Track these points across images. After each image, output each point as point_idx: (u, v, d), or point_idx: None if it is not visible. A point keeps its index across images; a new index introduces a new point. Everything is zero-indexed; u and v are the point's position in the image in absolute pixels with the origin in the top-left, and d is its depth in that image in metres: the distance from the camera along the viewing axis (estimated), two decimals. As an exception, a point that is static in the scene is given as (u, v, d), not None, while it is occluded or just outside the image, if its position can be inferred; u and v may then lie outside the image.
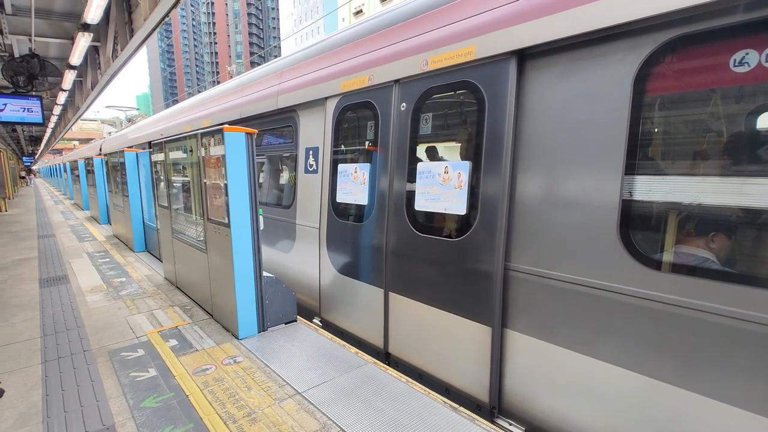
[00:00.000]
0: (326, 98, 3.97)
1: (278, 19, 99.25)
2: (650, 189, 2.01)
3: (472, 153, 2.73)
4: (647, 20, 1.92)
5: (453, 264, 2.83)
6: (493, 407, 2.67)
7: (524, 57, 2.47)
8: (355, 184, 3.66)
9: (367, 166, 3.55)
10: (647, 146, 2.06)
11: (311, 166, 4.28)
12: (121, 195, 8.36)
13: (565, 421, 2.34)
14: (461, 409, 2.64)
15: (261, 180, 5.74)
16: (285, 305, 4.02)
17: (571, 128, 2.25)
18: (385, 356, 3.50)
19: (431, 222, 3.12)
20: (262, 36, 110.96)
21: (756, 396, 1.70)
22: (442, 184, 2.86)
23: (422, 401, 2.70)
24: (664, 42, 1.92)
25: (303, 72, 4.34)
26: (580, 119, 2.21)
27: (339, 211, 3.91)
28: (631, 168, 2.03)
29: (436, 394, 2.81)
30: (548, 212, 2.36)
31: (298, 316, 4.16)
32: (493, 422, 2.63)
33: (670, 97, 2.00)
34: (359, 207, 3.67)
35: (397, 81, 3.22)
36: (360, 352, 3.46)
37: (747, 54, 1.69)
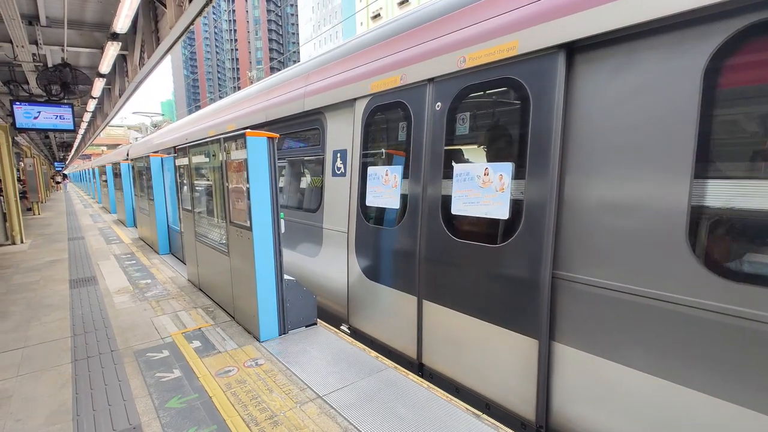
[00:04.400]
0: (355, 99, 3.90)
1: (297, 24, 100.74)
2: (723, 193, 1.85)
3: (516, 154, 2.62)
4: (722, 5, 1.74)
5: (495, 271, 2.69)
6: (539, 426, 2.49)
7: (573, 50, 2.30)
8: (385, 188, 3.56)
9: (399, 168, 3.44)
10: (720, 146, 1.87)
11: (339, 169, 4.22)
12: (147, 199, 8.60)
13: None
14: (483, 416, 2.59)
15: (286, 183, 5.78)
16: (305, 308, 4.04)
17: (629, 127, 2.08)
18: (418, 367, 3.36)
19: (469, 227, 2.98)
20: (281, 42, 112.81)
21: None
22: (482, 187, 2.72)
23: (445, 408, 2.66)
24: (740, 29, 1.74)
25: (330, 73, 4.27)
26: (639, 117, 2.04)
27: (369, 215, 3.83)
28: (702, 170, 1.85)
29: (458, 401, 2.76)
30: (602, 217, 2.19)
31: (318, 320, 4.16)
32: None
33: (746, 90, 1.81)
34: (390, 211, 3.57)
35: (431, 80, 3.11)
36: (380, 356, 3.43)
37: None
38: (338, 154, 4.24)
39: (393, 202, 3.49)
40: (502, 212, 2.60)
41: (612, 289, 2.15)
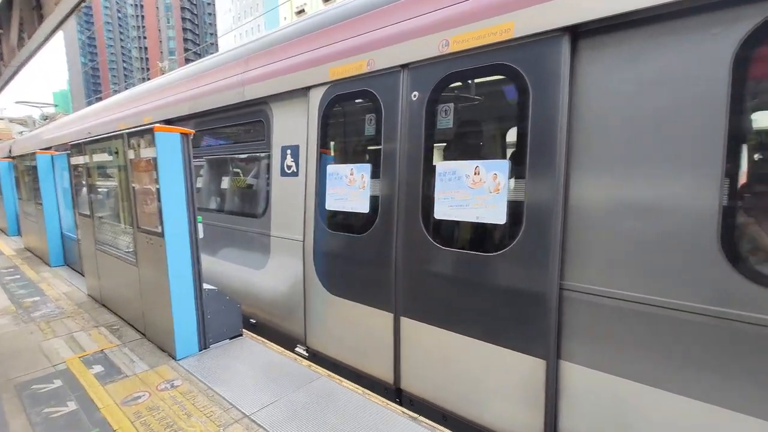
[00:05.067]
0: (309, 88, 3.43)
1: (215, 14, 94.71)
2: (757, 192, 1.74)
3: (513, 150, 2.43)
4: None
5: (491, 284, 2.41)
6: None
7: (579, 34, 2.05)
8: (351, 189, 3.14)
9: (368, 167, 3.04)
10: (753, 141, 1.75)
11: (289, 168, 3.75)
12: (34, 203, 7.41)
13: None
14: (420, 418, 2.56)
15: (217, 185, 5.21)
16: (229, 318, 3.71)
17: (646, 120, 1.88)
18: (395, 393, 2.99)
19: (457, 233, 2.74)
20: (197, 32, 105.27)
21: None
22: (472, 188, 2.43)
23: (381, 414, 2.60)
24: None
25: (278, 57, 3.74)
26: (659, 110, 1.85)
27: (331, 220, 3.40)
28: (733, 168, 1.68)
29: (395, 406, 2.70)
30: (616, 221, 1.98)
31: (244, 330, 3.88)
32: None
33: None
34: (358, 216, 3.15)
35: (405, 66, 2.76)
36: (313, 365, 3.24)
37: None
38: (288, 151, 3.77)
39: (361, 206, 3.08)
40: (498, 216, 2.33)
41: (629, 300, 1.95)
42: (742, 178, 1.72)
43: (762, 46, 1.62)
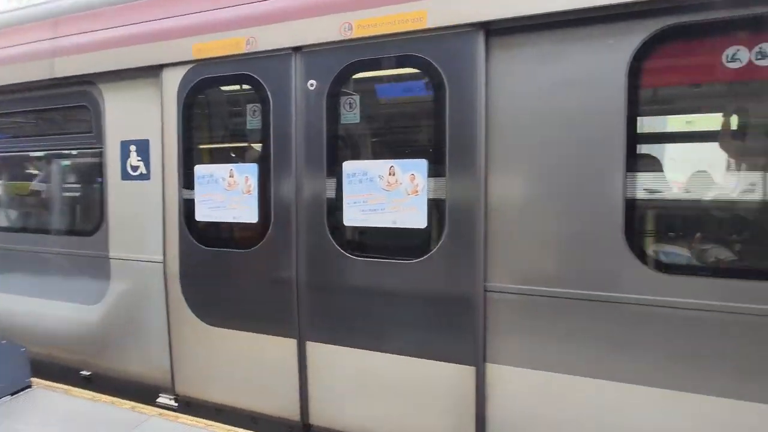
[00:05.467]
0: (162, 66, 2.76)
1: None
2: (656, 187, 1.94)
3: (429, 148, 2.30)
4: (645, 4, 1.78)
5: (413, 293, 2.28)
6: None
7: (492, 32, 2.06)
8: (231, 194, 2.61)
9: (253, 167, 2.58)
10: (647, 142, 2.02)
11: (135, 169, 2.98)
12: None
13: None
14: None
15: (21, 194, 3.87)
16: (13, 370, 2.90)
17: (556, 121, 1.98)
18: (302, 429, 2.61)
19: (370, 239, 2.53)
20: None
21: None
22: (387, 190, 2.27)
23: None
24: (663, 27, 1.79)
25: (110, 23, 2.94)
26: (566, 111, 1.97)
27: (203, 234, 2.79)
28: (632, 165, 1.86)
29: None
30: (531, 218, 2.06)
31: (35, 379, 3.04)
32: None
33: (669, 89, 1.97)
34: (243, 227, 2.68)
35: (298, 49, 2.40)
36: (139, 405, 2.73)
37: (738, 51, 1.74)
38: (132, 148, 2.98)
39: (247, 214, 2.59)
40: (418, 220, 2.22)
41: (547, 296, 2.03)
42: (641, 176, 1.94)
43: (652, 58, 1.87)
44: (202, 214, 2.74)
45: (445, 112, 2.16)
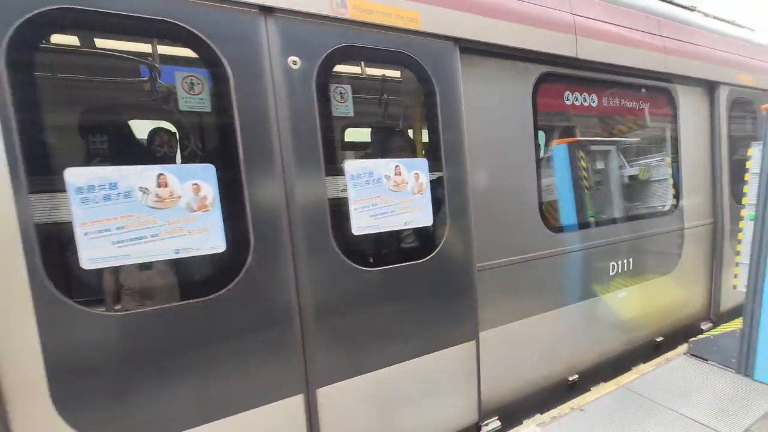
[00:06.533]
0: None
1: None
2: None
3: (431, 147, 2.44)
4: (527, 51, 2.71)
5: (420, 292, 2.34)
6: None
7: (462, 49, 2.42)
8: (160, 215, 1.70)
9: (207, 170, 1.79)
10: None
11: None
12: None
13: None
14: None
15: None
16: None
17: (498, 127, 2.70)
18: None
19: (377, 246, 2.46)
20: None
21: None
22: (394, 191, 2.19)
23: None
24: (542, 72, 2.90)
25: None
26: (504, 122, 2.75)
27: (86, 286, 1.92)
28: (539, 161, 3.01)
29: None
30: (490, 206, 2.64)
31: None
32: None
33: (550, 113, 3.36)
34: (191, 264, 1.91)
35: (269, 10, 1.89)
36: None
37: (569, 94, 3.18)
38: None
39: (203, 242, 1.78)
40: (427, 218, 2.31)
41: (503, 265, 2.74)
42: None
43: (545, 85, 2.91)
44: (90, 258, 1.62)
45: (437, 114, 2.37)
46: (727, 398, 2.85)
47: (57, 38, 2.31)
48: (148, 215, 1.65)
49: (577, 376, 3.24)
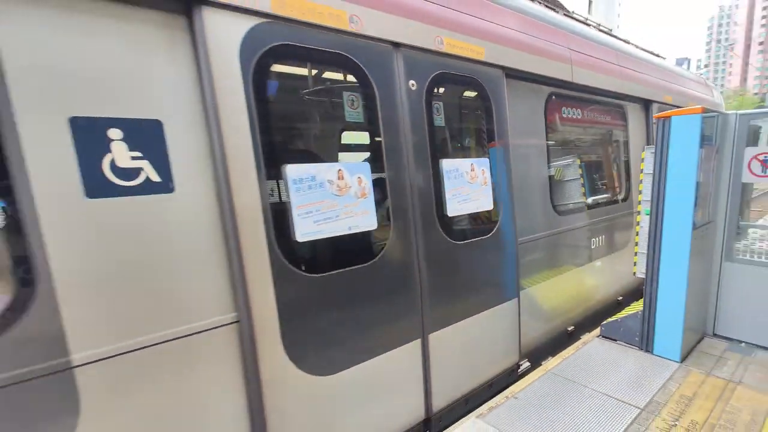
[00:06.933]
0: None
1: None
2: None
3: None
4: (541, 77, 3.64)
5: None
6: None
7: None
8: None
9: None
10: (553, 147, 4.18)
11: None
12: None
13: None
14: None
15: None
16: None
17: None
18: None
19: (462, 225, 3.09)
20: None
21: None
22: (471, 183, 2.93)
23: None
24: (550, 92, 3.90)
25: None
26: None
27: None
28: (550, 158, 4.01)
29: None
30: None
31: None
32: None
33: (556, 125, 4.16)
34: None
35: (396, 45, 2.47)
36: None
37: (565, 108, 3.95)
38: None
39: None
40: (489, 203, 3.07)
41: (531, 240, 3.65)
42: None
43: (553, 102, 3.92)
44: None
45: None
46: (634, 372, 3.24)
47: (280, 67, 2.65)
48: (332, 200, 2.21)
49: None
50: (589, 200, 4.62)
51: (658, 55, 6.20)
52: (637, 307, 3.91)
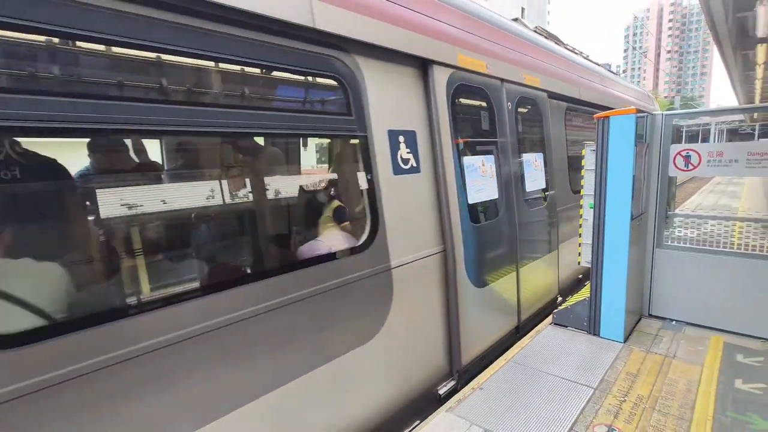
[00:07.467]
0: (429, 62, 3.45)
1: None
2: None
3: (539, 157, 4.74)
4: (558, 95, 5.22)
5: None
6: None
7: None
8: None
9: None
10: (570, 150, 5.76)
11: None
12: None
13: None
14: None
15: None
16: None
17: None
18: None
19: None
20: None
21: None
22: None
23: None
24: (566, 106, 5.56)
25: None
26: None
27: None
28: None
29: None
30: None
31: None
32: None
33: (571, 131, 5.86)
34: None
35: (502, 79, 3.94)
36: None
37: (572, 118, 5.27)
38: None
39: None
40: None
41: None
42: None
43: (569, 113, 5.59)
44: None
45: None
46: (585, 355, 3.47)
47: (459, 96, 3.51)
48: (481, 178, 3.58)
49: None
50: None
51: (616, 74, 9.35)
52: (584, 293, 4.19)
